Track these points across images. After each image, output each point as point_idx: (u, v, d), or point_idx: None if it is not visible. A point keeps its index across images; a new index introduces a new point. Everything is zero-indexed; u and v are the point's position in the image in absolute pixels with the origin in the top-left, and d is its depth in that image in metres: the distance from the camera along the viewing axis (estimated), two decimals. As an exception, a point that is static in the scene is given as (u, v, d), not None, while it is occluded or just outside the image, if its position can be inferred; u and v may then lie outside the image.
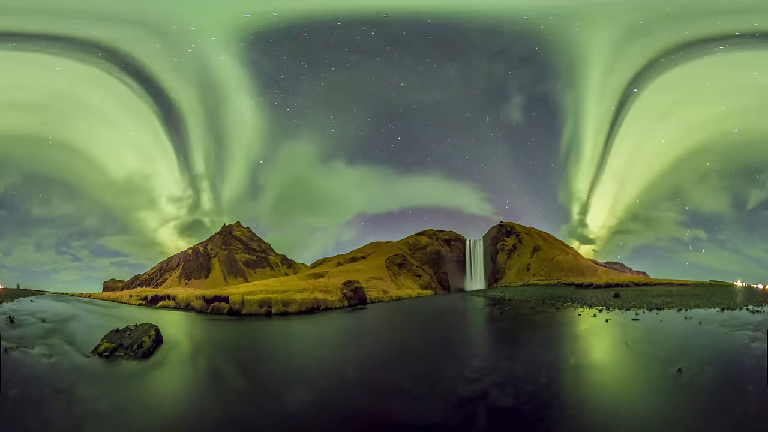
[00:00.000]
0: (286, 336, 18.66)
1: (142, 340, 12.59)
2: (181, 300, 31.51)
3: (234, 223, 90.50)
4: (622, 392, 8.59)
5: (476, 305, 33.77)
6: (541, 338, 15.83)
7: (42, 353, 11.29)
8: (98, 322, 19.23)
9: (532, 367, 10.74)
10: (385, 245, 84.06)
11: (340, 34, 67.56)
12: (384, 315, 28.21)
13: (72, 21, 55.60)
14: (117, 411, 7.66)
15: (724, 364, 9.62)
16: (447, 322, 23.39)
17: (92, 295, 46.20)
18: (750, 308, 19.32)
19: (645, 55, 61.02)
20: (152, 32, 61.05)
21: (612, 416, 7.23)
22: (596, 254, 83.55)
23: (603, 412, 7.53)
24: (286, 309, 27.24)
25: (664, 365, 9.65)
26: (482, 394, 8.45)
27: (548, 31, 62.46)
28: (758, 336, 12.20)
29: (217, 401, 8.60)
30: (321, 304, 29.71)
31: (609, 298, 30.16)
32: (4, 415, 7.12)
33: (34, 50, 56.41)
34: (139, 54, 64.23)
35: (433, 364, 11.38)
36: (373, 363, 12.45)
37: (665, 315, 18.96)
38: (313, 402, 8.42)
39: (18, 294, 33.69)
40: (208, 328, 20.86)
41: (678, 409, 7.27)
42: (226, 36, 66.07)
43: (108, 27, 57.94)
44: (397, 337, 18.38)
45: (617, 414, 7.32)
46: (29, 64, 57.71)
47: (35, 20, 53.92)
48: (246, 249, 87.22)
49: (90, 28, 57.26)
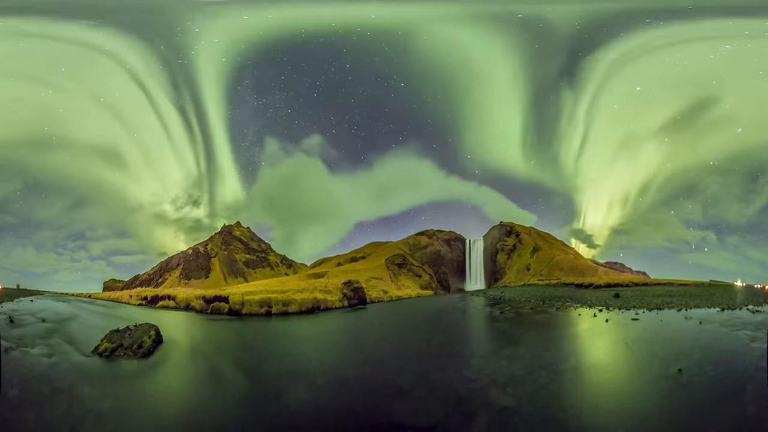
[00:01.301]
0: (286, 336, 18.66)
1: (142, 340, 12.59)
2: (181, 300, 31.52)
3: (234, 223, 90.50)
4: (622, 392, 8.59)
5: (476, 305, 33.77)
6: (541, 338, 15.83)
7: (42, 353, 11.29)
8: (98, 322, 19.23)
9: (532, 367, 10.74)
10: (385, 245, 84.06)
11: (338, 35, 67.71)
12: (384, 315, 28.21)
13: (76, 22, 55.66)
14: (117, 411, 7.66)
15: (724, 364, 9.62)
16: (447, 322, 23.39)
17: (92, 295, 46.20)
18: (750, 308, 19.31)
19: (648, 52, 61.03)
20: (156, 35, 61.20)
21: (612, 416, 7.23)
22: (596, 254, 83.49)
23: (603, 412, 7.53)
24: (286, 309, 27.25)
25: (664, 365, 9.65)
26: (482, 394, 8.44)
27: (547, 29, 62.50)
28: (758, 336, 12.20)
29: (217, 401, 8.60)
30: (321, 304, 29.71)
31: (609, 298, 30.15)
32: (4, 415, 7.12)
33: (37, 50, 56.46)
34: (142, 55, 64.37)
35: (433, 364, 11.38)
36: (373, 363, 12.45)
37: (665, 315, 18.96)
38: (313, 402, 8.42)
39: (18, 294, 33.69)
40: (208, 328, 20.86)
41: (678, 409, 7.27)
42: (227, 38, 66.20)
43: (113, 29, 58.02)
44: (397, 337, 18.37)
45: (617, 414, 7.32)
46: (31, 64, 57.75)
47: (37, 20, 53.96)
48: (246, 249, 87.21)
49: (94, 29, 57.33)
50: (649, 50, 61.03)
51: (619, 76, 67.04)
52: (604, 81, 69.68)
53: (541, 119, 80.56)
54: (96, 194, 74.09)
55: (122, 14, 56.33)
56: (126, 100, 69.00)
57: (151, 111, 72.58)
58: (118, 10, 56.04)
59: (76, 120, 65.85)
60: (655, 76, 63.47)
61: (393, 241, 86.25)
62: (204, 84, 74.62)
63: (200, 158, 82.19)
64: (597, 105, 73.22)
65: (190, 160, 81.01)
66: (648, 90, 65.92)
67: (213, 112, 79.26)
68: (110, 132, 70.96)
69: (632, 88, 66.99)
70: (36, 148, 63.49)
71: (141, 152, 76.07)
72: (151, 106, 72.14)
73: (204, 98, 76.73)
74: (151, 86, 69.86)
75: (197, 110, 77.26)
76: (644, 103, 67.99)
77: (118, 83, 66.16)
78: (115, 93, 67.11)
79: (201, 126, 79.49)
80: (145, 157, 76.96)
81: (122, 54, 62.22)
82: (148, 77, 68.25)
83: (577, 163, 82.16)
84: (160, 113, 73.75)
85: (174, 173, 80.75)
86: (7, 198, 64.22)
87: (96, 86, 64.62)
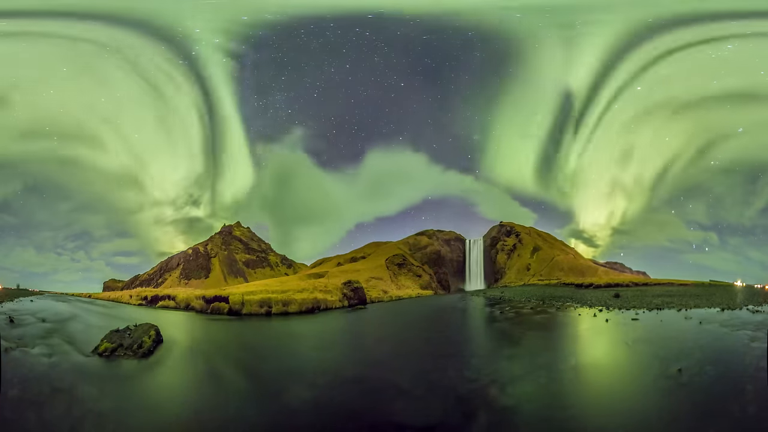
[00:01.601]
0: (286, 336, 18.65)
1: (142, 340, 12.58)
2: (181, 300, 31.51)
3: (234, 223, 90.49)
4: (622, 392, 8.59)
5: (476, 305, 33.77)
6: (541, 338, 15.83)
7: (42, 353, 11.29)
8: (98, 322, 19.22)
9: (532, 367, 10.74)
10: (385, 245, 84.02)
11: (336, 35, 67.79)
12: (384, 315, 28.20)
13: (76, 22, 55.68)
14: (117, 411, 7.66)
15: (724, 364, 9.61)
16: (447, 322, 23.39)
17: (92, 295, 46.23)
18: (750, 308, 19.32)
19: (650, 51, 61.03)
20: (158, 35, 61.29)
21: (612, 416, 7.23)
22: (596, 254, 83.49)
23: (603, 412, 7.53)
24: (286, 309, 27.24)
25: (664, 365, 9.64)
26: (482, 394, 8.44)
27: (546, 28, 62.50)
28: (758, 336, 12.20)
29: (217, 401, 8.60)
30: (321, 304, 29.71)
31: (609, 298, 30.16)
32: (4, 415, 7.12)
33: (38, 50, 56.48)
34: (142, 56, 64.41)
35: (433, 364, 11.38)
36: (373, 362, 12.45)
37: (665, 315, 18.96)
38: (313, 401, 8.41)
39: (18, 294, 33.71)
40: (208, 328, 20.85)
41: (678, 409, 7.26)
42: (227, 39, 66.28)
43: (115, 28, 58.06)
44: (396, 337, 18.37)
45: (617, 414, 7.31)
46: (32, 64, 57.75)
47: (37, 20, 53.98)
48: (246, 249, 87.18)
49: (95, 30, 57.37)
50: (650, 50, 61.10)
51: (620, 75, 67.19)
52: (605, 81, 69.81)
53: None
54: (96, 194, 74.12)
55: (122, 14, 56.41)
56: (126, 100, 69.09)
57: (151, 111, 72.67)
58: (118, 10, 56.09)
59: (76, 120, 65.92)
60: (655, 75, 63.53)
61: (393, 241, 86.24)
62: (204, 84, 74.71)
63: (201, 158, 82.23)
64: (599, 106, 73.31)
65: (191, 160, 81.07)
66: (648, 90, 65.98)
67: (213, 112, 79.32)
68: (110, 132, 71.00)
69: (633, 88, 67.08)
70: (36, 148, 63.54)
71: (141, 152, 76.16)
72: (151, 106, 72.22)
73: (204, 98, 76.83)
74: (151, 86, 69.95)
75: (197, 110, 77.37)
76: (644, 102, 68.05)
77: (119, 83, 66.26)
78: (115, 93, 67.22)
79: (201, 126, 79.53)
80: (146, 157, 77.05)
81: (122, 54, 62.33)
82: (149, 77, 68.34)
83: (578, 162, 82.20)
84: (159, 113, 73.84)
85: (174, 173, 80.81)
86: (7, 199, 64.30)
87: (96, 86, 64.72)
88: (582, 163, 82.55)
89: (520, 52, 69.58)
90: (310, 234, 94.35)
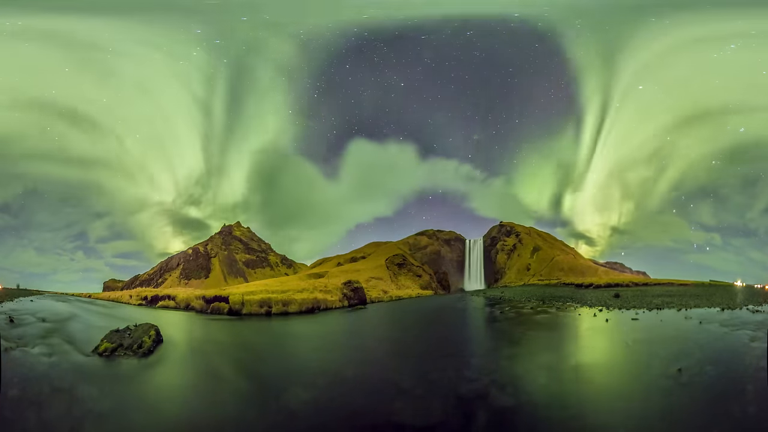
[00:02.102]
0: (286, 336, 18.65)
1: (142, 340, 12.58)
2: (181, 300, 31.51)
3: (234, 223, 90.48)
4: (622, 392, 8.59)
5: (476, 305, 33.77)
6: (541, 338, 15.82)
7: (42, 353, 11.29)
8: (98, 322, 19.22)
9: (532, 367, 10.74)
10: (385, 245, 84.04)
11: (336, 35, 67.86)
12: (384, 315, 28.20)
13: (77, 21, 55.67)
14: (117, 411, 7.65)
15: (724, 364, 9.62)
16: (447, 322, 23.39)
17: (92, 295, 46.21)
18: (750, 308, 19.31)
19: (650, 51, 61.00)
20: (158, 36, 61.30)
21: (612, 416, 7.23)
22: (596, 254, 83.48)
23: (603, 412, 7.53)
24: (286, 309, 27.24)
25: (664, 365, 9.64)
26: (482, 394, 8.44)
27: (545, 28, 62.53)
28: (758, 336, 12.20)
29: (217, 401, 8.60)
30: (321, 304, 29.71)
31: (609, 298, 30.16)
32: (4, 415, 7.12)
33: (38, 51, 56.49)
34: (143, 56, 64.40)
35: (433, 364, 11.37)
36: (373, 362, 12.45)
37: (665, 315, 18.96)
38: (313, 401, 8.41)
39: (18, 294, 33.69)
40: (208, 328, 20.85)
41: (678, 409, 7.26)
42: (227, 39, 66.31)
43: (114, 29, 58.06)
44: (396, 337, 18.36)
45: (617, 414, 7.32)
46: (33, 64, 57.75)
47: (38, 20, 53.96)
48: (246, 249, 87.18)
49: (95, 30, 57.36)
50: (650, 51, 61.08)
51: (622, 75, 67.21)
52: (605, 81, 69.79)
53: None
54: (96, 195, 74.12)
55: (123, 14, 56.41)
56: (126, 100, 69.10)
57: (151, 111, 72.68)
58: (118, 10, 56.08)
59: (76, 120, 65.91)
60: (656, 75, 63.51)
61: (393, 241, 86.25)
62: (204, 84, 74.72)
63: (201, 159, 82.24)
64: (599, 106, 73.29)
65: (191, 160, 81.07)
66: (649, 89, 65.98)
67: (213, 113, 79.32)
68: (110, 132, 71.02)
69: (634, 87, 67.11)
70: (36, 149, 63.56)
71: (141, 152, 76.17)
72: (151, 106, 72.24)
73: (204, 98, 76.81)
74: (151, 86, 69.97)
75: (197, 110, 77.37)
76: (645, 102, 68.04)
77: (119, 83, 66.28)
78: (115, 93, 67.22)
79: (201, 126, 79.54)
80: (146, 157, 77.07)
81: (123, 54, 62.33)
82: (149, 77, 68.37)
83: (578, 162, 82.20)
84: (160, 113, 73.86)
85: (174, 173, 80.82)
86: (6, 201, 64.35)
87: (96, 86, 64.70)
88: (582, 163, 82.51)
89: (520, 52, 69.61)
90: (310, 234, 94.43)
